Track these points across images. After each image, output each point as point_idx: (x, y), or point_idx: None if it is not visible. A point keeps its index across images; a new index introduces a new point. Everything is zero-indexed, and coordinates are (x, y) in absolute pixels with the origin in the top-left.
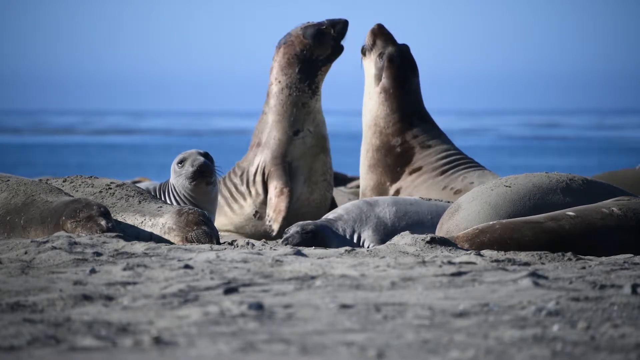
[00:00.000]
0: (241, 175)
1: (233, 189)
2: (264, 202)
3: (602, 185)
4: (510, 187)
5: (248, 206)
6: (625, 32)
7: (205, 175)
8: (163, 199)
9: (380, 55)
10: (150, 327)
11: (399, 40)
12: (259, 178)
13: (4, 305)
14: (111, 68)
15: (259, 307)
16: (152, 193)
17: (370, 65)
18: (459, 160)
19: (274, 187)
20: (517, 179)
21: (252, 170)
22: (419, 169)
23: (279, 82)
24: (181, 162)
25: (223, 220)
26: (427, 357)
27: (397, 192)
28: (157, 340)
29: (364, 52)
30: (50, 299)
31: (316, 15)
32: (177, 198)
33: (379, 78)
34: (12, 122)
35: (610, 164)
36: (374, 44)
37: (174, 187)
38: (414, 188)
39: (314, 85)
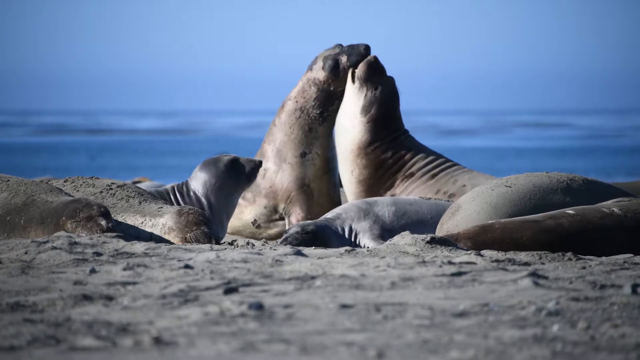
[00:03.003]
0: None
1: None
2: (265, 215)
3: (603, 185)
4: (510, 187)
5: (248, 214)
6: (625, 32)
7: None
8: (180, 201)
9: (374, 89)
10: (150, 327)
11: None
12: (281, 195)
13: (4, 305)
14: (111, 68)
15: (259, 307)
16: (166, 195)
17: (359, 95)
18: (446, 164)
19: (297, 213)
20: (517, 179)
21: (265, 184)
22: (411, 175)
23: (296, 101)
24: (234, 162)
25: None
26: (427, 357)
27: None
28: (157, 340)
29: (353, 78)
30: (50, 299)
31: (316, 16)
32: (203, 200)
33: (367, 110)
34: (11, 122)
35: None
36: (368, 78)
37: (208, 189)
38: (408, 194)
39: (326, 113)
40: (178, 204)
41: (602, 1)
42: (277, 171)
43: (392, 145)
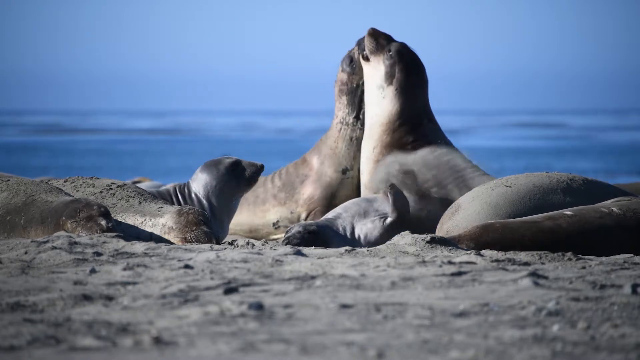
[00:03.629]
0: (284, 186)
1: (270, 191)
2: (289, 219)
3: (603, 185)
4: (510, 187)
5: (274, 213)
6: (625, 32)
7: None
8: (181, 202)
9: (388, 52)
10: (150, 327)
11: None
12: (303, 205)
13: (4, 305)
14: (111, 68)
15: (259, 307)
16: (167, 195)
17: (378, 66)
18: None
19: None
20: (517, 179)
21: (301, 190)
22: None
23: (336, 116)
24: (235, 165)
25: (238, 218)
26: (427, 357)
27: None
28: (157, 340)
29: (366, 58)
30: (50, 299)
31: (315, 16)
32: (205, 202)
33: (392, 75)
34: (11, 122)
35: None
36: (377, 44)
37: (209, 191)
38: None
39: (361, 114)
40: (179, 204)
41: (602, 1)
42: (315, 181)
43: (415, 129)
